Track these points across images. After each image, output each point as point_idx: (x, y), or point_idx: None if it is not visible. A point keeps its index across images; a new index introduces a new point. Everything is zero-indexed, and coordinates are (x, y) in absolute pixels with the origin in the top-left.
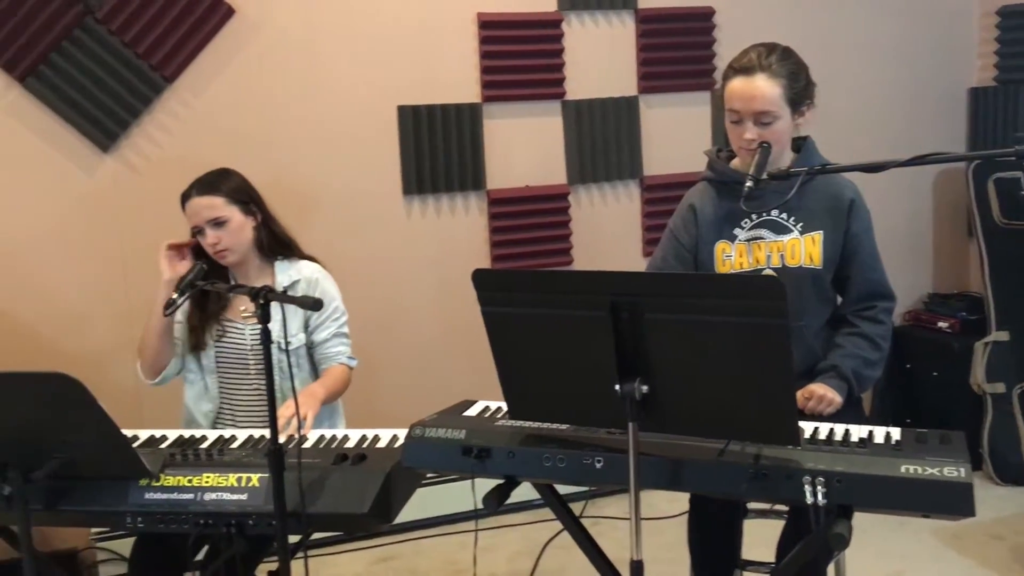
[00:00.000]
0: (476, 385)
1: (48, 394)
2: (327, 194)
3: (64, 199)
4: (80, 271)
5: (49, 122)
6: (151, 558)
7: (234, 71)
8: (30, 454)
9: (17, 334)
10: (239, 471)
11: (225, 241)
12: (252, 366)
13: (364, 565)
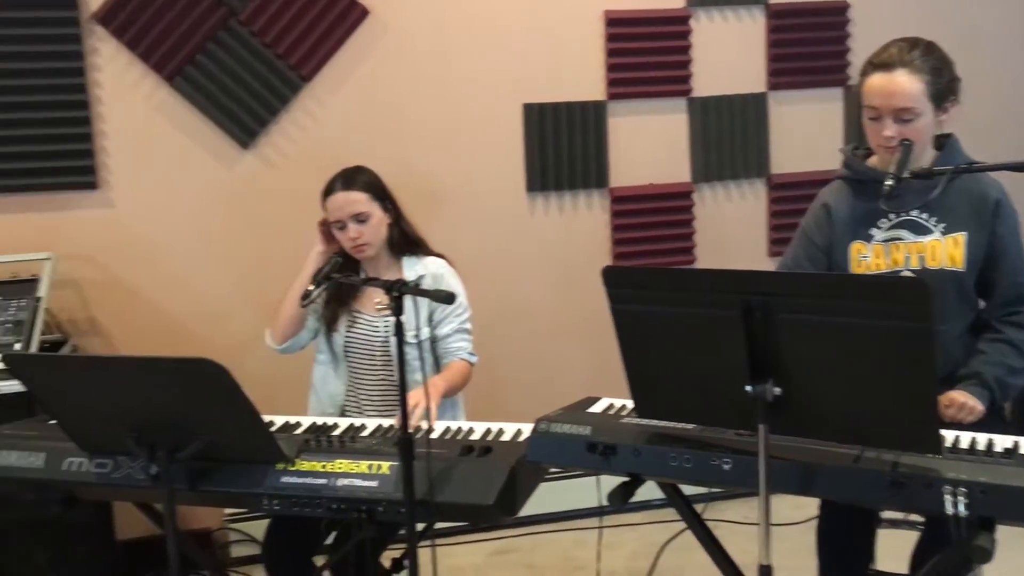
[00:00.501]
0: (596, 382)
1: (194, 379)
2: (452, 191)
3: (206, 193)
4: (220, 264)
5: (194, 120)
6: (284, 540)
7: (367, 70)
8: (176, 436)
9: (163, 324)
10: (370, 458)
11: (365, 236)
12: (379, 357)
13: (482, 556)
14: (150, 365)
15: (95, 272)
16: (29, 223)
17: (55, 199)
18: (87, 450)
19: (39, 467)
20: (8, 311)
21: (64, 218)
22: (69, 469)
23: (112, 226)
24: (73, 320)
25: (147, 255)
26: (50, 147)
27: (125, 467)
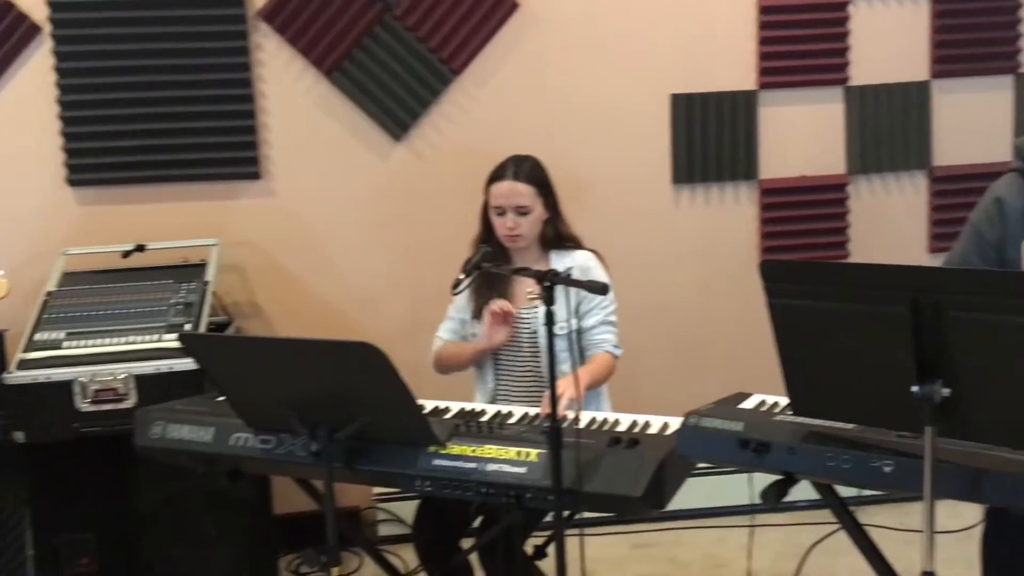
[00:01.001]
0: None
1: (355, 362)
2: (598, 181)
3: (361, 184)
4: (372, 253)
5: (350, 113)
6: (432, 522)
7: (515, 63)
8: (336, 416)
9: (318, 308)
10: (519, 445)
11: (522, 228)
12: (526, 349)
13: (623, 549)
14: (314, 347)
15: (257, 258)
16: (198, 211)
17: (221, 189)
18: (253, 426)
19: (208, 441)
20: (179, 293)
21: (229, 207)
22: (236, 444)
23: (273, 214)
24: (236, 303)
25: (305, 242)
26: (217, 139)
27: (287, 444)
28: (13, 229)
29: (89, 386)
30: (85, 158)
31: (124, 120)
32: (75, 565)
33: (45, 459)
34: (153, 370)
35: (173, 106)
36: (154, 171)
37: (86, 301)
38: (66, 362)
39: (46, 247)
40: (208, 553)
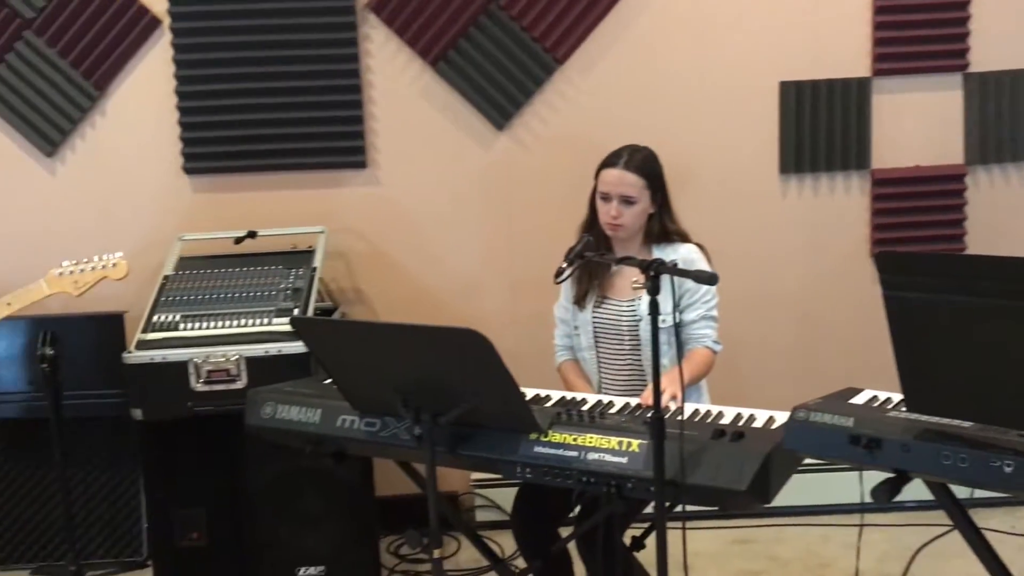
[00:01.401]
0: (848, 374)
1: (460, 348)
2: (702, 171)
3: (463, 174)
4: (473, 241)
5: (454, 102)
6: (531, 508)
7: (620, 51)
8: (440, 401)
9: (420, 296)
10: (620, 435)
11: (624, 219)
12: (627, 341)
13: (722, 544)
14: (421, 333)
15: (361, 245)
16: (306, 199)
17: (329, 177)
18: (358, 409)
19: (316, 422)
20: (288, 279)
21: (336, 195)
22: (342, 426)
23: (378, 203)
24: (341, 289)
25: (409, 230)
26: (326, 129)
27: (391, 427)
28: (134, 215)
29: (203, 367)
30: (200, 147)
31: (238, 110)
32: (186, 538)
33: (160, 436)
34: (263, 352)
35: (284, 96)
36: (265, 160)
37: (201, 285)
38: (182, 343)
39: (164, 233)
40: (312, 531)
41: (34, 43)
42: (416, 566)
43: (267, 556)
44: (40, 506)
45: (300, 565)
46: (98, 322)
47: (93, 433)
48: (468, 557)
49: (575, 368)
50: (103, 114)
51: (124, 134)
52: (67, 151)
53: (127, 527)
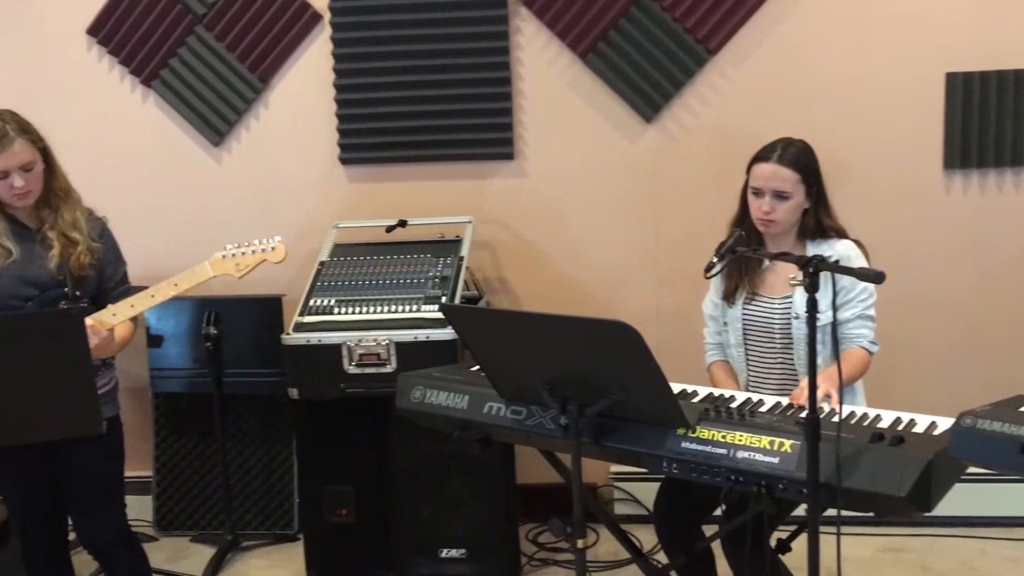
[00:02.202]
0: (1011, 380)
1: (610, 340)
2: (860, 165)
3: (610, 166)
4: (619, 234)
5: (603, 94)
6: (675, 504)
7: (774, 40)
8: (587, 392)
9: (565, 287)
10: (771, 434)
11: (778, 214)
12: (778, 339)
13: (872, 551)
14: (571, 324)
15: (507, 236)
16: (454, 189)
17: (477, 168)
18: (505, 397)
19: (463, 408)
20: (436, 267)
21: (484, 185)
22: (488, 412)
23: (525, 194)
24: (487, 279)
25: (554, 222)
26: (475, 121)
27: (537, 416)
28: (292, 202)
29: (355, 350)
30: (356, 138)
31: (392, 103)
32: (335, 515)
33: (313, 415)
34: (412, 338)
35: (436, 89)
36: (417, 151)
37: (354, 271)
38: (336, 327)
39: (320, 220)
40: (454, 515)
41: (204, 38)
42: (554, 555)
43: (411, 536)
44: (200, 477)
45: (442, 547)
46: (258, 304)
47: (251, 410)
48: (606, 550)
49: (725, 368)
50: (266, 106)
51: (285, 125)
52: (233, 141)
53: (280, 501)
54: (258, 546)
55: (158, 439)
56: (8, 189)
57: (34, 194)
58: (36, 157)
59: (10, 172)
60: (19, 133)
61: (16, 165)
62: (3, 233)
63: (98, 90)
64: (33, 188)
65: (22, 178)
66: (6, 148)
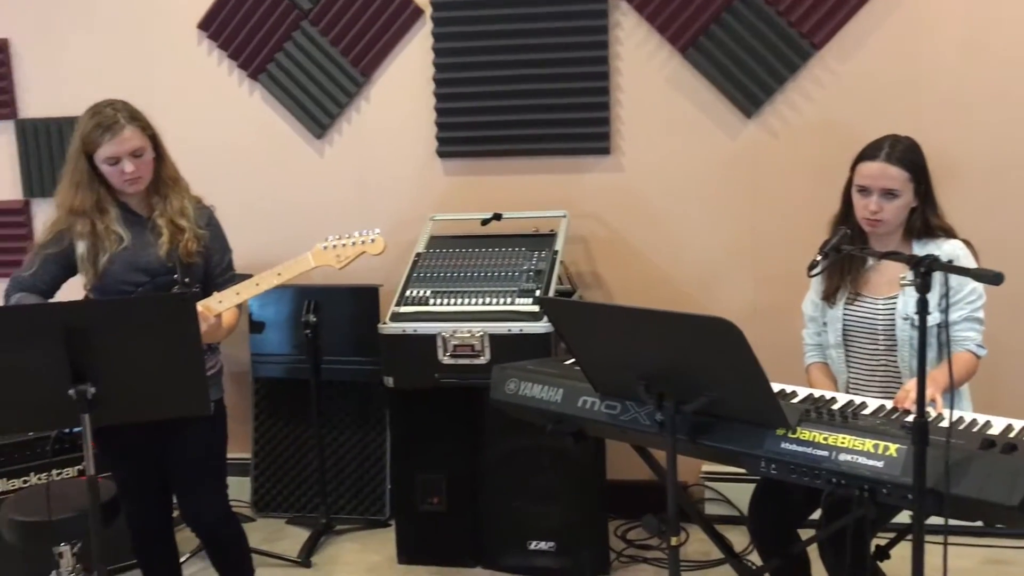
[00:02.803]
0: None
1: (711, 337)
2: (969, 162)
3: (708, 162)
4: (715, 231)
5: (702, 89)
6: (771, 506)
7: (882, 35)
8: (684, 388)
9: (659, 284)
10: (875, 438)
11: (885, 213)
12: (881, 341)
13: (973, 563)
14: (671, 319)
15: (602, 230)
16: (549, 184)
17: (572, 163)
18: (600, 391)
19: (557, 401)
20: (531, 261)
21: (579, 180)
22: (582, 407)
23: (620, 189)
24: (580, 273)
25: (649, 218)
26: (572, 115)
27: (632, 411)
28: (390, 194)
29: (450, 341)
30: (453, 131)
31: (490, 96)
32: (427, 502)
33: (407, 403)
34: (506, 330)
35: (534, 83)
36: (513, 145)
37: (449, 263)
38: (431, 317)
39: (417, 212)
40: (544, 508)
41: (310, 32)
42: (643, 552)
43: (500, 527)
44: (296, 461)
45: (532, 539)
46: (355, 293)
47: (346, 397)
48: (696, 550)
49: (824, 370)
50: (367, 99)
51: (385, 119)
52: (334, 134)
53: (372, 487)
54: (351, 530)
55: (257, 422)
56: (119, 175)
57: (144, 180)
58: (146, 144)
59: (121, 158)
60: (129, 120)
61: (126, 151)
62: (115, 220)
63: (208, 83)
64: (143, 174)
65: (132, 164)
66: (117, 134)
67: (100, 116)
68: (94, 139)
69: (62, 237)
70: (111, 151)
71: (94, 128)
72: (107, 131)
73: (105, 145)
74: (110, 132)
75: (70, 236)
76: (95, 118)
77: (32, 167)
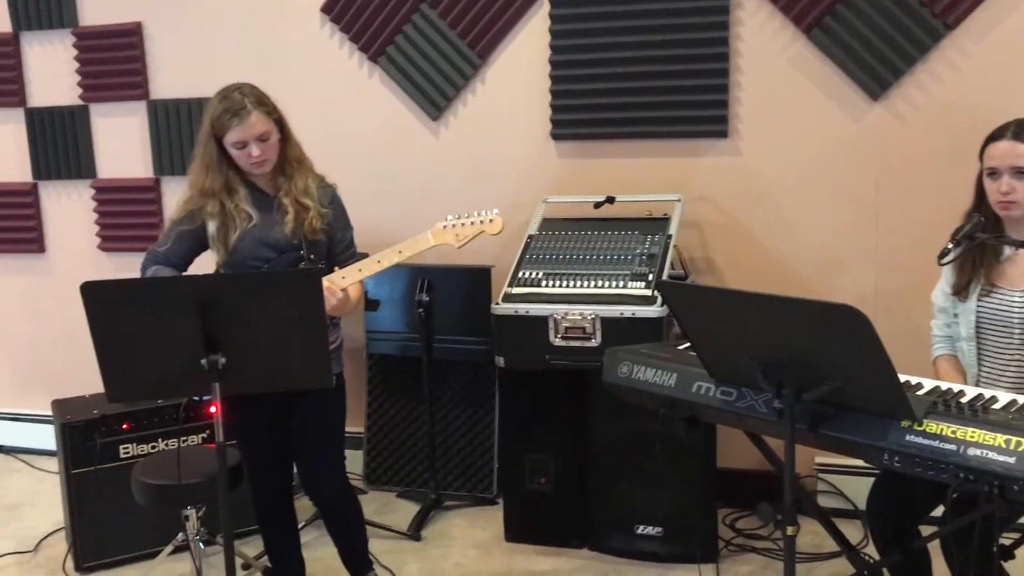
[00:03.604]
0: None
1: (836, 325)
2: None
3: (828, 144)
4: (837, 217)
5: (826, 71)
6: (892, 499)
7: (1020, 16)
8: (805, 376)
9: (774, 270)
10: (1008, 432)
11: (1018, 194)
12: (1017, 335)
13: None
14: (793, 305)
15: (716, 215)
16: (664, 167)
17: (688, 146)
18: (716, 377)
19: (671, 386)
20: (644, 245)
21: (694, 164)
22: (697, 392)
23: (737, 173)
24: (692, 258)
25: (766, 202)
26: (689, 98)
27: (749, 398)
28: (504, 176)
29: (561, 323)
30: (568, 114)
31: (605, 79)
32: (534, 482)
33: (517, 384)
34: (617, 314)
35: (651, 65)
36: (628, 128)
37: (562, 246)
38: (543, 299)
39: (530, 194)
40: (652, 492)
41: (428, 15)
42: (752, 542)
43: (607, 509)
44: (407, 437)
45: (639, 523)
46: (468, 274)
47: (456, 375)
48: (807, 542)
49: (953, 362)
50: (483, 82)
51: (500, 101)
52: (450, 116)
53: (480, 465)
54: (459, 507)
55: (370, 398)
56: (246, 158)
57: (270, 162)
58: (271, 128)
59: (248, 142)
60: (256, 105)
61: (253, 135)
62: (244, 199)
63: (331, 66)
64: (269, 157)
65: (259, 147)
66: (244, 119)
67: (228, 101)
68: (223, 124)
69: (194, 216)
70: (238, 136)
71: (223, 113)
72: (235, 116)
73: (233, 130)
74: (238, 118)
75: (201, 215)
76: (224, 103)
77: (162, 147)
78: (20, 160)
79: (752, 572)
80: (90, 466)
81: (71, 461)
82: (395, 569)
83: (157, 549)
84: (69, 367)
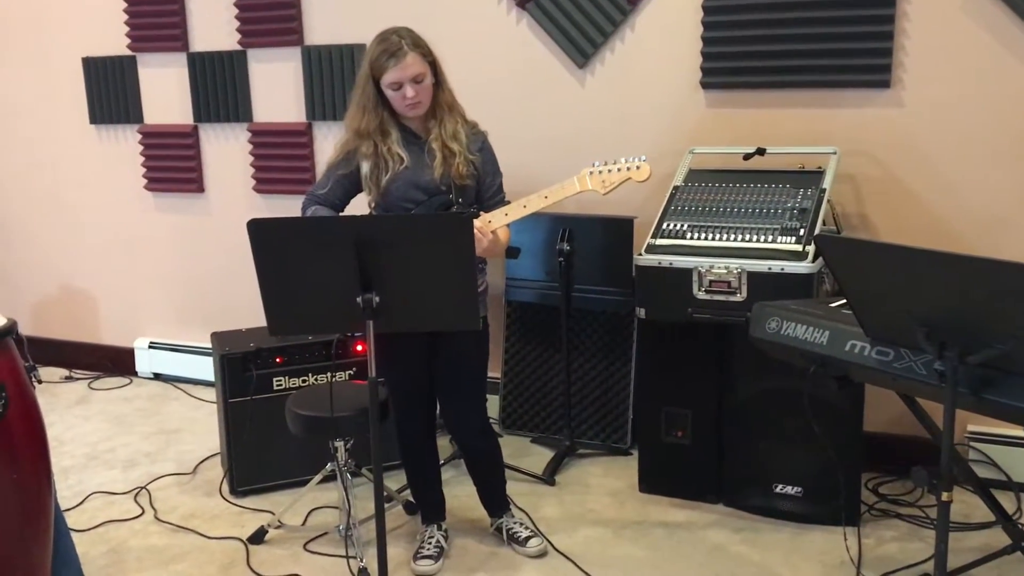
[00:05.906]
0: None
1: (1010, 285)
2: None
3: (1002, 99)
4: (1002, 174)
5: (1004, 19)
6: None
7: None
8: (970, 338)
9: (933, 227)
10: None
11: None
12: None
13: None
14: (966, 264)
15: (873, 169)
16: (818, 118)
17: (846, 96)
18: (871, 336)
19: (823, 343)
20: (795, 199)
21: (851, 115)
22: (850, 351)
23: (897, 125)
24: (846, 214)
25: (929, 158)
26: (850, 45)
27: (907, 359)
28: (649, 126)
29: (706, 276)
30: (719, 62)
31: (761, 25)
32: (670, 435)
33: (657, 336)
34: (765, 269)
35: (810, 11)
36: (781, 76)
37: (708, 198)
38: (687, 251)
39: (676, 144)
40: (793, 451)
41: None
42: (896, 507)
43: (744, 466)
44: (543, 384)
45: (777, 482)
46: (610, 224)
47: (594, 325)
48: (956, 510)
49: None
50: (632, 28)
51: (648, 48)
52: (596, 63)
53: (615, 415)
54: (592, 455)
55: (507, 344)
56: (401, 99)
57: (423, 105)
58: (426, 70)
59: (403, 83)
60: (412, 47)
61: (408, 77)
62: (396, 142)
63: (480, 11)
64: (423, 99)
65: (413, 89)
66: (400, 60)
67: (386, 43)
68: (380, 64)
69: (351, 158)
70: (395, 76)
71: (381, 54)
72: (392, 57)
73: (390, 71)
74: (395, 58)
75: (356, 157)
76: (382, 44)
77: (315, 92)
78: (183, 103)
79: (896, 538)
80: (246, 396)
81: (228, 390)
82: (530, 511)
83: (307, 477)
84: (225, 302)
